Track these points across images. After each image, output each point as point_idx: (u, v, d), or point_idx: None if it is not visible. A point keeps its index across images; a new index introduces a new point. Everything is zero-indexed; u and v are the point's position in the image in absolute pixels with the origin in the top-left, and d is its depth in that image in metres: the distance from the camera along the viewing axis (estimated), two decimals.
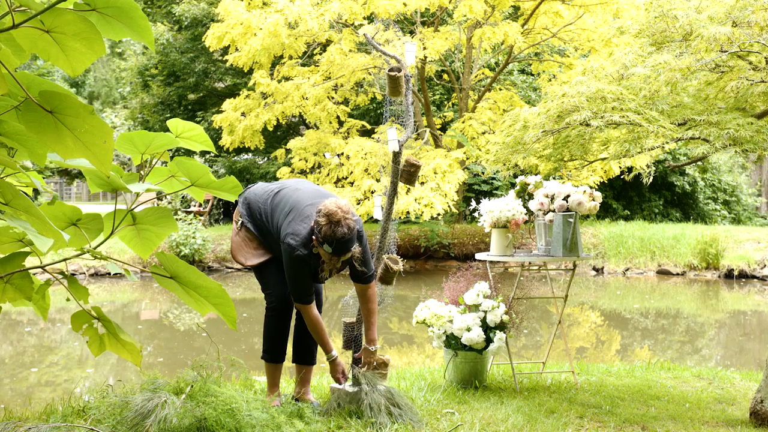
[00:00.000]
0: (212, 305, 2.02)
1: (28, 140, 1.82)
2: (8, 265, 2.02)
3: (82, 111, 1.61)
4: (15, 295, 2.02)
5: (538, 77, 15.79)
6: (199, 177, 2.18)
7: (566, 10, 13.49)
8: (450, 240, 14.80)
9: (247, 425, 2.91)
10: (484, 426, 3.42)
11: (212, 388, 3.03)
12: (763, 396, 3.58)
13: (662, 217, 18.46)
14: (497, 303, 4.20)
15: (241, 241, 3.64)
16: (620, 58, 3.86)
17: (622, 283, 12.89)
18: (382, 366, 3.69)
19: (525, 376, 4.57)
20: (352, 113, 16.55)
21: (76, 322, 2.18)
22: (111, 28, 1.69)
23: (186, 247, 13.20)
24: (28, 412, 3.51)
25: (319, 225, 3.26)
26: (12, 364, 6.84)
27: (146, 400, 2.92)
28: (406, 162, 3.74)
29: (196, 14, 18.86)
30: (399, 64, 3.73)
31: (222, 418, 2.85)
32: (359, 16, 11.94)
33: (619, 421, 3.62)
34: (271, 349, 3.64)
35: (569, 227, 4.19)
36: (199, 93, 20.45)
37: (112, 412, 3.01)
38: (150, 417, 2.83)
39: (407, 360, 6.97)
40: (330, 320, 8.94)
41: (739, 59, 3.56)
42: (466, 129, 13.71)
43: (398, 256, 3.88)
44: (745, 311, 10.55)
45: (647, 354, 7.33)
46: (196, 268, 2.00)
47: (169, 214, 2.17)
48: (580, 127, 3.70)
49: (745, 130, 3.33)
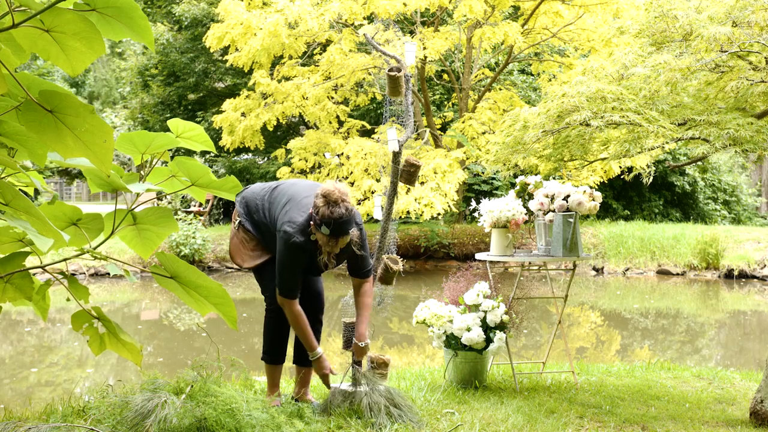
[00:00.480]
0: (213, 305, 2.02)
1: (28, 140, 1.82)
2: (8, 265, 2.02)
3: (82, 110, 1.61)
4: (15, 295, 2.02)
5: (538, 77, 15.79)
6: (199, 177, 2.19)
7: (566, 10, 13.49)
8: (450, 240, 14.81)
9: (248, 425, 2.91)
10: (484, 426, 3.42)
11: (212, 388, 3.03)
12: (763, 396, 3.58)
13: (662, 217, 18.46)
14: (497, 303, 4.20)
15: (239, 242, 3.63)
16: (620, 58, 3.86)
17: (622, 283, 12.89)
18: (382, 366, 3.69)
19: (525, 376, 4.57)
20: (352, 113, 16.55)
21: (77, 322, 2.19)
22: (111, 28, 1.69)
23: (186, 247, 13.19)
24: (28, 412, 3.51)
25: (317, 207, 3.26)
26: (12, 364, 6.84)
27: (146, 400, 2.92)
28: (406, 162, 3.74)
29: (196, 14, 18.87)
30: (399, 64, 3.74)
31: (222, 418, 2.85)
32: (359, 16, 11.94)
33: (619, 421, 3.62)
34: (271, 350, 3.64)
35: (569, 227, 4.19)
36: (199, 93, 20.45)
37: (112, 412, 3.01)
38: (150, 417, 2.83)
39: (407, 360, 6.97)
40: (330, 320, 8.94)
41: (739, 59, 3.56)
42: (466, 129, 13.71)
43: (398, 256, 3.88)
44: (745, 311, 10.55)
45: (647, 354, 7.32)
46: (196, 267, 2.00)
47: (169, 214, 2.17)
48: (580, 127, 3.70)
49: (745, 130, 3.33)
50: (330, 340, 8.02)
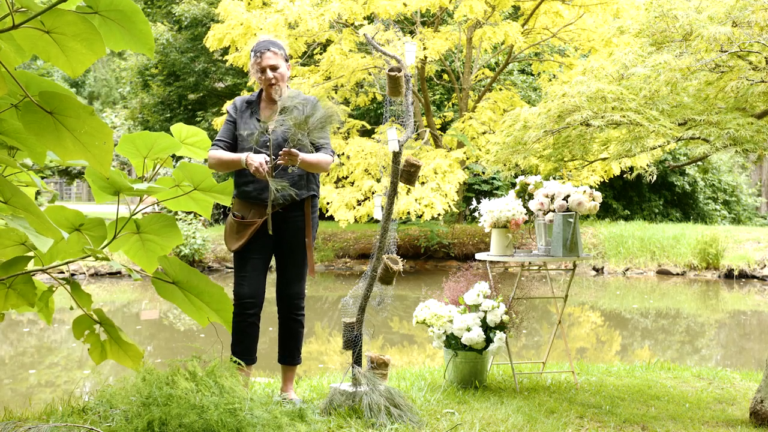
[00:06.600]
0: (213, 311, 2.02)
1: (28, 138, 1.82)
2: (10, 269, 2.02)
3: (82, 112, 1.61)
4: (18, 302, 2.01)
5: (538, 77, 15.79)
6: (201, 180, 2.18)
7: (566, 10, 13.49)
8: (450, 240, 14.80)
9: (249, 425, 2.91)
10: (484, 426, 3.42)
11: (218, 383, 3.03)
12: (763, 396, 3.58)
13: (662, 217, 18.46)
14: (497, 303, 4.20)
15: (228, 227, 3.69)
16: (620, 58, 3.86)
17: (622, 283, 12.89)
18: (382, 366, 3.69)
19: (525, 376, 4.57)
20: (353, 113, 16.54)
21: (78, 328, 2.17)
22: (112, 35, 1.69)
23: (186, 247, 13.20)
24: (28, 412, 3.51)
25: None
26: (12, 365, 6.84)
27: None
28: (406, 162, 3.74)
29: (196, 14, 18.86)
30: (399, 64, 3.73)
31: (223, 417, 2.85)
32: (359, 16, 11.94)
33: (619, 421, 3.62)
34: (234, 350, 3.63)
35: (569, 227, 4.19)
36: (199, 93, 20.44)
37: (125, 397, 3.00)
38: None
39: (407, 360, 6.97)
40: (330, 320, 8.94)
41: (739, 59, 3.56)
42: (466, 129, 13.71)
43: (398, 256, 3.88)
44: (745, 311, 10.55)
45: (647, 354, 7.33)
46: (198, 271, 1.99)
47: (173, 223, 2.15)
48: (580, 127, 3.70)
49: (745, 130, 3.33)
50: (330, 339, 8.03)
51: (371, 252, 3.72)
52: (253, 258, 3.63)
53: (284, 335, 3.77)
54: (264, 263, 3.68)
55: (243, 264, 3.64)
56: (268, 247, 3.68)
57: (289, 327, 3.75)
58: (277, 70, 3.62)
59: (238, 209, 3.66)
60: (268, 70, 3.59)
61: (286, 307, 3.73)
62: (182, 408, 2.59)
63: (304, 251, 3.70)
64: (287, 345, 3.77)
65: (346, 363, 3.73)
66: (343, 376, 3.77)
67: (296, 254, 3.69)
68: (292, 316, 3.74)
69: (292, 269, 3.70)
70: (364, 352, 3.67)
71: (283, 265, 3.72)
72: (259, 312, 3.65)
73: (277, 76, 3.61)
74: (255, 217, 3.60)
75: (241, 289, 3.60)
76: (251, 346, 3.66)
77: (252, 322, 3.62)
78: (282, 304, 3.73)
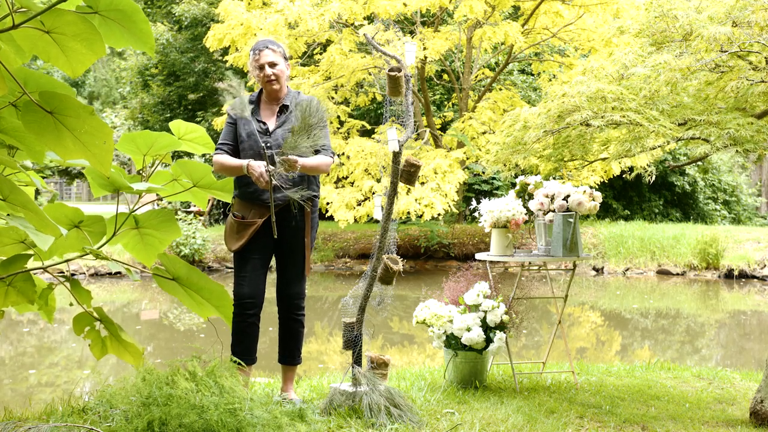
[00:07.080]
0: (214, 307, 2.03)
1: (27, 137, 1.82)
2: (10, 267, 2.02)
3: (82, 112, 1.61)
4: (18, 300, 2.01)
5: (538, 77, 15.79)
6: (201, 178, 2.19)
7: (566, 10, 13.49)
8: (450, 240, 14.80)
9: (249, 425, 2.91)
10: (484, 426, 3.42)
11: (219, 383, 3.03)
12: (763, 396, 3.58)
13: (662, 217, 18.46)
14: (497, 303, 4.20)
15: (228, 227, 3.69)
16: (620, 58, 3.86)
17: (622, 283, 12.89)
18: (382, 366, 3.68)
19: (525, 376, 4.57)
20: (353, 113, 16.54)
21: (78, 325, 2.18)
22: (112, 34, 1.69)
23: (186, 247, 13.20)
24: (28, 412, 3.51)
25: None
26: (12, 365, 6.84)
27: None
28: (406, 162, 3.73)
29: (196, 14, 18.86)
30: (399, 64, 3.73)
31: (223, 417, 2.85)
32: (359, 16, 11.94)
33: (619, 421, 3.62)
34: (234, 350, 3.64)
35: (569, 227, 4.19)
36: (199, 93, 20.45)
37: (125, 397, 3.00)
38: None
39: (407, 360, 6.97)
40: (330, 320, 8.94)
41: (739, 59, 3.56)
42: (467, 129, 13.71)
43: (398, 256, 3.88)
44: (745, 311, 10.55)
45: (647, 354, 7.33)
46: (198, 269, 2.00)
47: (172, 217, 2.17)
48: (580, 127, 3.70)
49: (745, 130, 3.33)
50: (330, 339, 8.03)
51: (371, 252, 3.72)
52: (253, 258, 3.63)
53: (284, 335, 3.78)
54: (264, 263, 3.68)
55: (243, 264, 3.64)
56: (269, 247, 3.68)
57: (290, 327, 3.75)
58: (276, 66, 3.62)
59: (238, 209, 3.67)
60: (266, 66, 3.61)
61: (286, 307, 3.73)
62: (182, 408, 2.59)
63: (304, 251, 3.70)
64: (287, 345, 3.78)
65: (346, 363, 3.73)
66: (343, 376, 3.77)
67: (296, 254, 3.69)
68: (293, 316, 3.74)
69: (292, 269, 3.71)
70: (364, 352, 3.67)
71: (284, 265, 3.72)
72: (259, 312, 3.65)
73: (276, 73, 3.62)
74: (255, 218, 3.61)
75: (241, 289, 3.60)
76: (251, 346, 3.66)
77: (252, 322, 3.62)
78: (282, 304, 3.73)
